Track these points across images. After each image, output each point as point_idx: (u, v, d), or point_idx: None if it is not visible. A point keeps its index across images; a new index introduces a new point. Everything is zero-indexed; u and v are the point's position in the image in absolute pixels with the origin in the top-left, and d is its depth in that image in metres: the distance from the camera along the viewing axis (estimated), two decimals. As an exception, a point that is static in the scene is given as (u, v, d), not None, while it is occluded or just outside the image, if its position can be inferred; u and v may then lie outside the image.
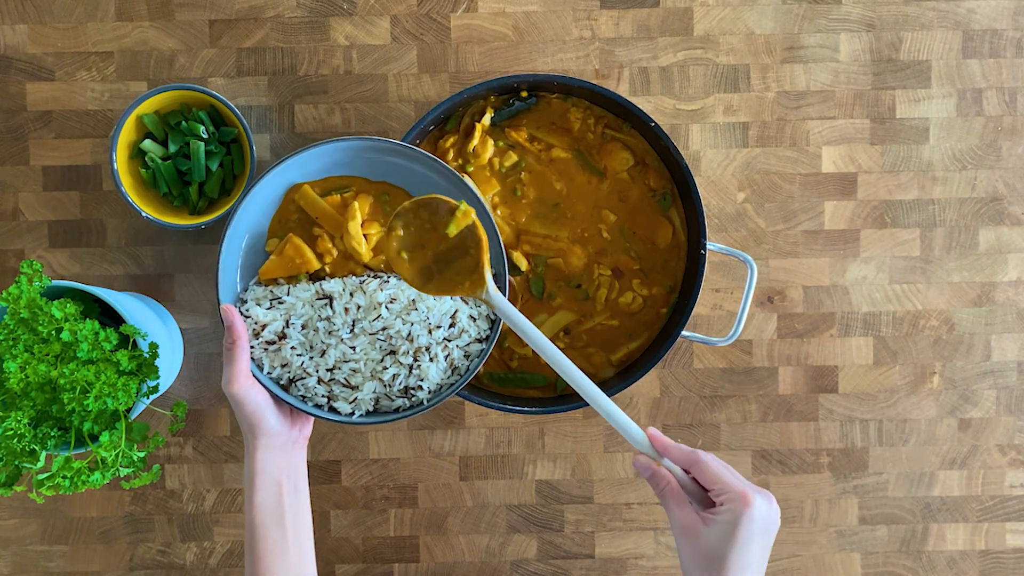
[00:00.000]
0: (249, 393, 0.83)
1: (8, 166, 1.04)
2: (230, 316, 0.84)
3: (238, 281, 0.89)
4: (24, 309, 0.84)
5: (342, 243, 0.89)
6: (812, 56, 1.05)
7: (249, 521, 0.84)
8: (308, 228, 0.90)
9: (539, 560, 1.07)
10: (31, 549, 1.06)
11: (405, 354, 0.86)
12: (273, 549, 0.83)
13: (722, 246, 0.94)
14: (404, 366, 0.86)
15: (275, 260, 0.89)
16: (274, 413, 0.85)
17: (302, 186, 0.89)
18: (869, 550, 1.08)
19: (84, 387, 0.83)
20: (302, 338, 0.86)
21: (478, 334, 0.88)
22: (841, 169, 1.06)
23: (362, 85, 1.04)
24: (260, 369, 0.87)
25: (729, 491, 0.72)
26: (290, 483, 0.85)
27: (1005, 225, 1.06)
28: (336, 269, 0.89)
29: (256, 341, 0.87)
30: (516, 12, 1.04)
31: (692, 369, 1.06)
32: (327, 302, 0.86)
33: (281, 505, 0.84)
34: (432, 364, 0.86)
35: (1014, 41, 1.05)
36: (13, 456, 0.84)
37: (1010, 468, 1.08)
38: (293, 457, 0.86)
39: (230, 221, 0.86)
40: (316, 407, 0.87)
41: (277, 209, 0.90)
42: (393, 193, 0.91)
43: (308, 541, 0.86)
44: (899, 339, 1.07)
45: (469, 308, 0.88)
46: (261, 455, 0.84)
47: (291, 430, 0.86)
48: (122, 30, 1.03)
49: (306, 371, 0.86)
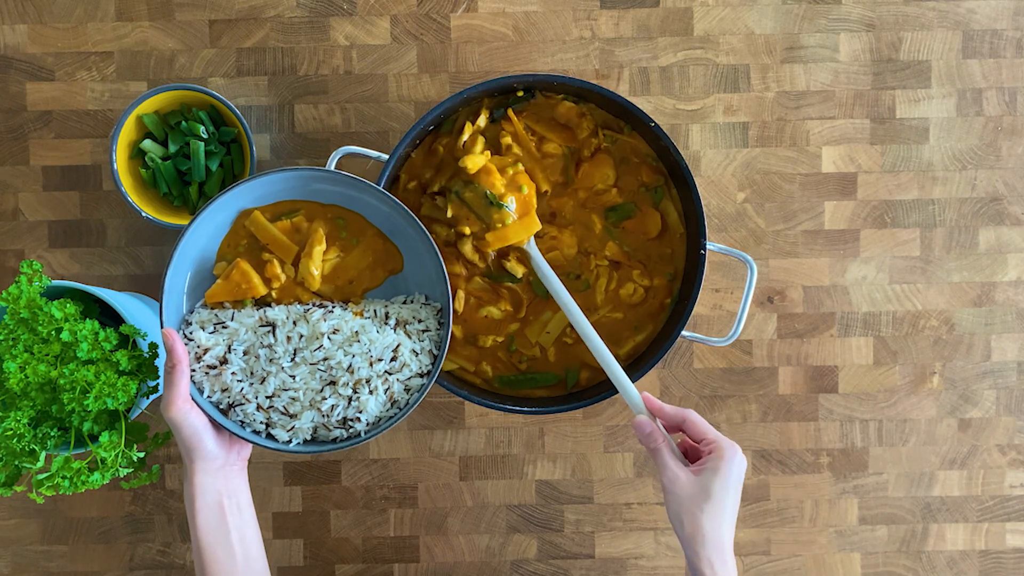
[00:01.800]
0: (188, 417, 0.83)
1: (8, 166, 1.04)
2: (171, 340, 0.84)
3: (184, 302, 0.89)
4: (24, 309, 0.84)
5: (291, 268, 0.90)
6: (812, 56, 1.05)
7: (195, 543, 0.84)
8: (257, 253, 0.90)
9: (539, 560, 1.07)
10: (31, 549, 1.06)
11: (345, 385, 0.86)
12: (222, 569, 0.84)
13: (722, 246, 0.94)
14: (343, 397, 0.86)
15: (222, 284, 0.89)
16: (212, 437, 0.85)
17: (253, 211, 0.90)
18: (869, 550, 1.08)
19: (84, 387, 0.83)
20: (243, 364, 0.86)
21: (419, 369, 0.88)
22: (841, 169, 1.06)
23: (362, 85, 1.04)
24: (200, 393, 0.87)
25: (718, 440, 0.83)
26: (232, 503, 0.85)
27: (1005, 225, 1.06)
28: (283, 295, 0.90)
29: (198, 365, 0.86)
30: (516, 12, 1.04)
31: (692, 369, 1.06)
32: (270, 329, 0.86)
33: (225, 524, 0.84)
34: (371, 397, 0.86)
35: (1014, 41, 1.05)
36: (13, 456, 0.84)
37: (1010, 468, 1.08)
38: (233, 479, 0.86)
39: (179, 243, 0.86)
40: (254, 433, 0.87)
41: (227, 233, 0.90)
42: (348, 217, 0.91)
43: (258, 557, 0.87)
44: (899, 339, 1.07)
45: (412, 343, 0.88)
46: (199, 478, 0.84)
47: (229, 453, 0.87)
48: (122, 30, 1.03)
49: (245, 397, 0.86)
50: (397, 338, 0.87)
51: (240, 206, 0.89)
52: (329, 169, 0.88)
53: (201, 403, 0.86)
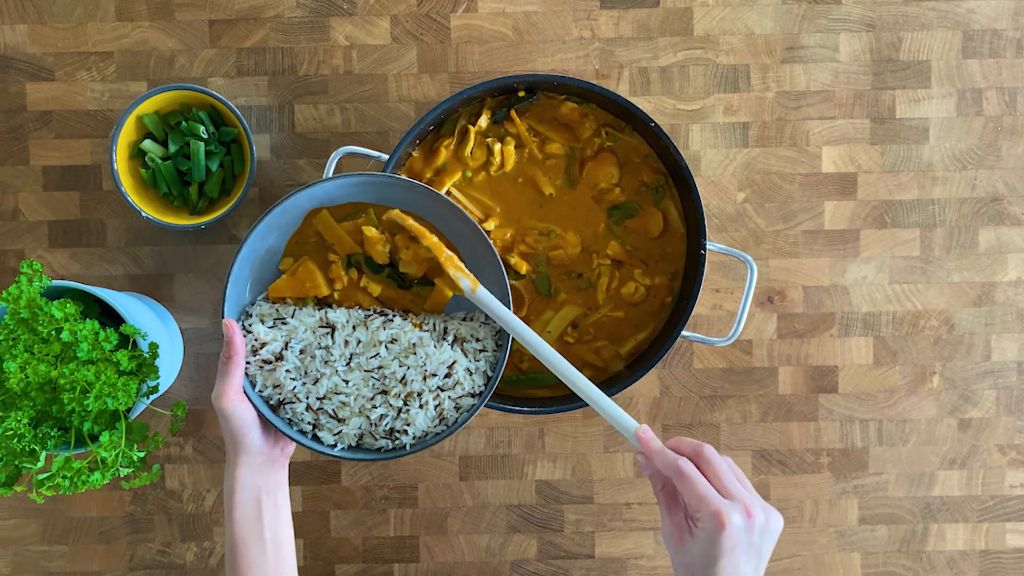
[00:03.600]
0: (237, 409, 0.83)
1: (8, 166, 1.04)
2: (230, 331, 0.84)
3: (247, 292, 0.89)
4: (24, 309, 0.84)
5: (355, 272, 0.89)
6: (812, 56, 1.05)
7: (229, 536, 0.84)
8: (323, 253, 0.90)
9: (539, 560, 1.07)
10: (31, 549, 1.06)
11: (396, 396, 0.86)
12: (252, 564, 0.83)
13: (722, 246, 0.94)
14: (393, 408, 0.86)
15: (287, 279, 0.89)
16: (258, 431, 0.85)
17: (322, 211, 0.89)
18: (869, 550, 1.08)
19: (84, 387, 0.83)
20: (298, 363, 0.86)
21: (472, 388, 0.87)
22: (841, 169, 1.06)
23: (362, 85, 1.04)
24: (252, 386, 0.87)
25: (703, 509, 0.71)
26: (270, 500, 0.85)
27: (1005, 225, 1.06)
28: (344, 298, 0.89)
29: (253, 358, 0.86)
30: (516, 12, 1.04)
31: (692, 369, 1.06)
32: (329, 331, 0.86)
33: (260, 520, 0.84)
34: (421, 411, 0.86)
35: (1014, 41, 1.05)
36: (13, 456, 0.84)
37: (1010, 468, 1.08)
38: (274, 475, 0.86)
39: (248, 235, 0.86)
40: (300, 433, 0.87)
41: (296, 230, 0.89)
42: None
43: (289, 557, 0.86)
44: (899, 339, 1.07)
45: (467, 361, 0.87)
46: (241, 472, 0.84)
47: (273, 449, 0.86)
48: (122, 30, 1.03)
49: (296, 396, 0.86)
50: (453, 355, 0.86)
51: (311, 205, 0.89)
52: (403, 178, 0.87)
53: (252, 397, 0.86)
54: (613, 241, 0.96)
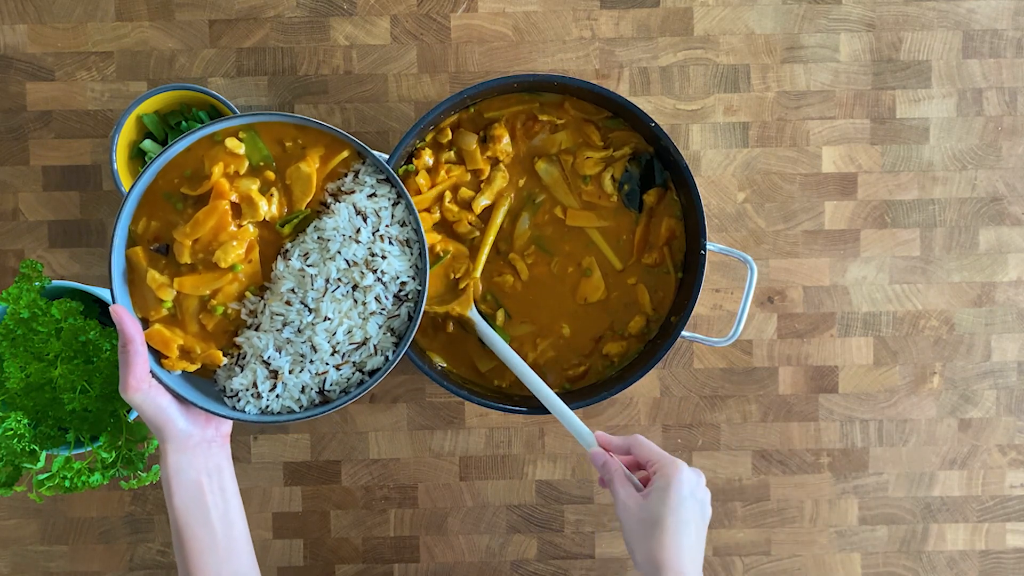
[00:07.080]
0: (148, 396, 0.78)
1: (8, 166, 1.04)
2: (118, 316, 0.79)
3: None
4: (24, 309, 0.84)
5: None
6: (812, 56, 1.05)
7: (173, 524, 0.80)
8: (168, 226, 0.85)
9: (539, 560, 1.07)
10: (31, 549, 1.06)
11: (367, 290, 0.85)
12: (201, 547, 0.80)
13: (722, 246, 0.94)
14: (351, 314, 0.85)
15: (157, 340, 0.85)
16: (180, 414, 0.81)
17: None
18: (869, 550, 1.08)
19: (84, 387, 0.83)
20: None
21: (395, 273, 0.86)
22: (841, 169, 1.06)
23: (362, 85, 1.04)
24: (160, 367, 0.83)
25: (661, 460, 0.80)
26: (213, 482, 0.81)
27: (1005, 225, 1.06)
28: (199, 343, 0.85)
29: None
30: (516, 12, 1.04)
31: (692, 369, 1.06)
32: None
33: (204, 504, 0.80)
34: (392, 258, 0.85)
35: (1014, 41, 1.05)
36: (13, 456, 0.84)
37: (1010, 468, 1.08)
38: (213, 457, 0.82)
39: (120, 213, 0.81)
40: (231, 399, 0.84)
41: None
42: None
43: (242, 538, 0.83)
44: (899, 339, 1.07)
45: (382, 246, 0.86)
46: (175, 458, 0.80)
47: (206, 429, 0.82)
48: (122, 30, 1.03)
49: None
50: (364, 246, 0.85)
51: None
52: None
53: (164, 379, 0.82)
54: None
